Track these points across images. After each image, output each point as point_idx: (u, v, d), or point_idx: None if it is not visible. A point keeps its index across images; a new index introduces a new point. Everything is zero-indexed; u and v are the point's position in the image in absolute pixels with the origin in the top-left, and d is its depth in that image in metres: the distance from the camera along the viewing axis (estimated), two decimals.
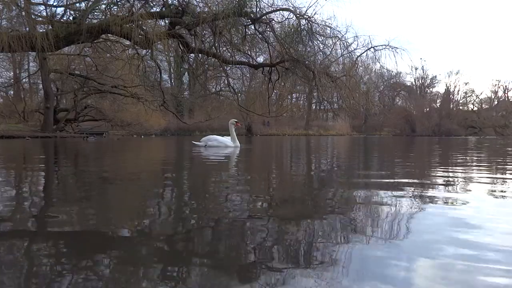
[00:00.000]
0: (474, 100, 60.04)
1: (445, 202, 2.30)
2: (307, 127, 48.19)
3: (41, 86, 26.93)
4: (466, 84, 64.88)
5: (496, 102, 59.60)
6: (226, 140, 9.75)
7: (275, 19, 16.34)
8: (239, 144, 9.77)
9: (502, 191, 2.79)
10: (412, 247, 1.42)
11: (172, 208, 2.21)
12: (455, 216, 1.92)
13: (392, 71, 49.03)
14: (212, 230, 1.71)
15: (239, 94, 32.85)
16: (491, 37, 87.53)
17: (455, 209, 2.12)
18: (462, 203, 2.27)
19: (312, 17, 16.00)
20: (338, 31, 16.71)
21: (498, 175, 3.93)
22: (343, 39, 16.83)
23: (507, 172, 4.28)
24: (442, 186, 2.99)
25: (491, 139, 26.79)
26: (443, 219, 1.88)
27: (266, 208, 2.22)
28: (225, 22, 14.83)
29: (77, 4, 16.04)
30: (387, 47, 17.13)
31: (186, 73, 34.84)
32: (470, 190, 2.81)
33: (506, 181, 3.38)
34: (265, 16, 15.78)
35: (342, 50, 17.36)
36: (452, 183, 3.24)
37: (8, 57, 28.02)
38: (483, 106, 59.96)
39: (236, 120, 10.58)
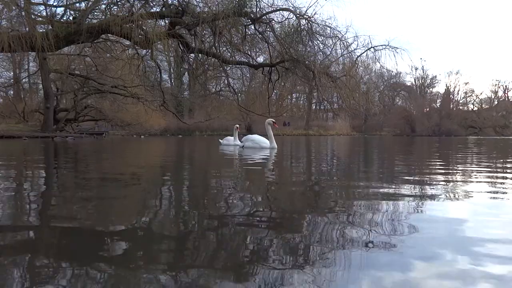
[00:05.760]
0: (474, 100, 60.14)
1: (445, 199, 2.30)
2: (307, 127, 48.18)
3: (41, 86, 26.92)
4: (466, 84, 64.87)
5: (496, 102, 59.61)
6: (263, 140, 9.13)
7: (275, 19, 16.32)
8: (275, 145, 9.07)
9: (501, 188, 2.79)
10: (412, 249, 1.42)
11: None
12: (455, 216, 1.92)
13: (392, 71, 48.83)
14: (213, 230, 1.71)
15: (239, 94, 32.84)
16: (491, 37, 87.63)
17: (455, 208, 2.12)
18: (463, 204, 2.26)
19: (312, 17, 15.98)
20: (338, 31, 16.67)
21: (498, 174, 3.93)
22: (343, 39, 16.79)
23: (507, 170, 4.28)
24: (442, 186, 2.98)
25: (491, 139, 26.80)
26: (443, 219, 1.87)
27: (269, 209, 2.22)
28: (225, 22, 14.82)
29: (77, 4, 16.04)
30: (387, 47, 17.07)
31: (186, 73, 34.81)
32: (470, 190, 2.81)
33: (505, 180, 3.38)
34: (265, 16, 15.76)
35: (342, 50, 17.31)
36: (452, 183, 3.24)
37: (8, 57, 28.01)
38: (483, 106, 59.97)
39: (273, 120, 9.80)
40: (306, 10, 15.96)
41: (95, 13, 15.55)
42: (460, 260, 1.27)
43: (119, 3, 15.39)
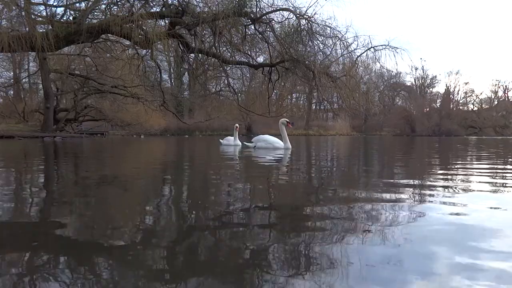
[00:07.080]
0: (474, 100, 60.19)
1: (445, 197, 2.30)
2: (307, 127, 48.21)
3: (41, 86, 26.92)
4: (466, 84, 64.97)
5: (496, 102, 59.65)
6: (276, 140, 8.94)
7: (275, 19, 16.32)
8: (290, 146, 8.81)
9: (502, 186, 2.79)
10: (412, 251, 1.41)
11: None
12: (455, 214, 1.92)
13: (392, 71, 48.80)
14: (214, 234, 1.70)
15: (239, 94, 32.83)
16: (491, 37, 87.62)
17: (455, 210, 2.12)
18: (463, 204, 2.26)
19: (312, 17, 15.99)
20: (338, 31, 16.67)
21: (498, 174, 3.93)
22: (343, 39, 16.79)
23: (507, 169, 4.28)
24: (442, 186, 2.98)
25: (490, 139, 26.79)
26: (443, 220, 1.87)
27: (270, 211, 2.21)
28: (225, 22, 14.82)
29: (77, 4, 16.05)
30: (387, 47, 17.07)
31: (186, 73, 34.82)
32: (470, 189, 2.80)
33: (505, 180, 3.38)
34: (265, 16, 15.76)
35: (342, 50, 17.30)
36: (452, 181, 3.24)
37: (8, 57, 28.01)
38: (483, 106, 60.01)
39: (287, 119, 9.54)
40: (306, 10, 15.98)
41: (95, 13, 15.57)
42: (461, 257, 1.27)
43: (119, 3, 15.40)
